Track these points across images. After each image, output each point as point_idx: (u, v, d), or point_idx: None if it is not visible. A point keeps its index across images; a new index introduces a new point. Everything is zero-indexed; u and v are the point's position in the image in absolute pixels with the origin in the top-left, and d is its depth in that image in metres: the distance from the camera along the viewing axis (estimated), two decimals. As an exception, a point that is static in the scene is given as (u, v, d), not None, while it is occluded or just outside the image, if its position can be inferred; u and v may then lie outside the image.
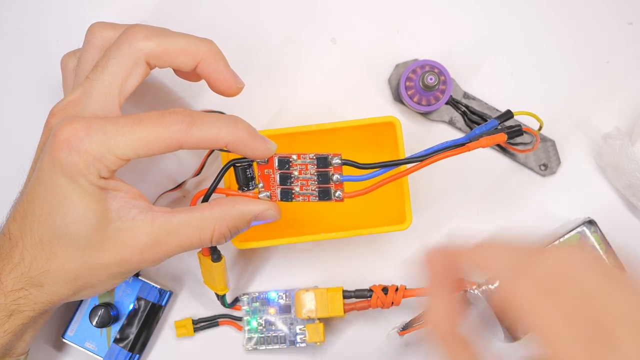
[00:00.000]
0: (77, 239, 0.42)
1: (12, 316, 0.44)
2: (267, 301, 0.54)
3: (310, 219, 0.54)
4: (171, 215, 0.43)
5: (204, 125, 0.42)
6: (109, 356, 0.53)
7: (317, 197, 0.46)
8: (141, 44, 0.43)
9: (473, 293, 0.51)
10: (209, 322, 0.55)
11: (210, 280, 0.50)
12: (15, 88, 0.56)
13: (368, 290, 0.52)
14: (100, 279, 0.44)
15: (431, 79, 0.52)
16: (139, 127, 0.41)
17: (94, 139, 0.40)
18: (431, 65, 0.53)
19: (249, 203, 0.45)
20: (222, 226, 0.44)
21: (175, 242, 0.43)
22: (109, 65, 0.43)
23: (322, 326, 0.53)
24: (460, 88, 0.55)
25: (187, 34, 0.45)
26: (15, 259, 0.43)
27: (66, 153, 0.40)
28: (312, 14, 0.56)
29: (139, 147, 0.41)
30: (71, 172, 0.40)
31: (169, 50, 0.44)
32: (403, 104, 0.55)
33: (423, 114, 0.55)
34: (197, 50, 0.44)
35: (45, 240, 0.42)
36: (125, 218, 0.42)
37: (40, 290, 0.43)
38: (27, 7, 0.56)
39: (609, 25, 0.56)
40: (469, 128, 0.55)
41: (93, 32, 0.46)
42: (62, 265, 0.43)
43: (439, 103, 0.53)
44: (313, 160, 0.45)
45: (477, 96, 0.55)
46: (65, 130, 0.40)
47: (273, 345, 0.54)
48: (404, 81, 0.53)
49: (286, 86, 0.56)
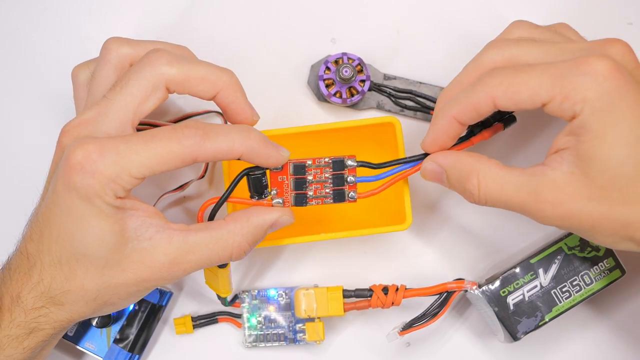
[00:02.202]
0: (96, 260, 0.42)
1: (32, 333, 0.44)
2: (267, 299, 0.54)
3: (310, 219, 0.54)
4: (188, 234, 0.43)
5: (218, 137, 0.41)
6: (109, 356, 0.53)
7: (331, 199, 0.46)
8: (164, 69, 0.43)
9: (473, 293, 0.51)
10: (208, 319, 0.55)
11: (213, 283, 0.50)
12: (23, 101, 0.56)
13: (368, 290, 0.52)
14: (120, 297, 0.44)
15: (346, 72, 0.52)
16: (152, 144, 0.41)
17: (107, 160, 0.40)
18: (344, 57, 0.53)
19: (264, 213, 0.45)
20: (242, 242, 0.44)
21: (194, 261, 0.43)
22: (128, 86, 0.42)
23: (322, 325, 0.53)
24: (379, 72, 0.55)
25: (209, 63, 0.44)
26: (34, 279, 0.43)
27: (80, 176, 0.40)
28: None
29: (153, 164, 0.41)
30: (87, 195, 0.40)
31: (191, 78, 0.43)
32: (328, 102, 0.55)
33: (350, 106, 0.55)
34: (217, 80, 0.44)
35: (64, 261, 0.42)
36: (143, 237, 0.42)
37: (60, 309, 0.43)
38: (31, 20, 0.56)
39: (609, 25, 0.56)
40: (399, 107, 0.55)
41: (109, 48, 0.46)
42: (81, 286, 0.42)
43: (360, 92, 0.53)
44: (329, 163, 0.45)
45: (399, 75, 0.55)
46: (78, 153, 0.40)
47: (272, 343, 0.54)
48: (322, 80, 0.53)
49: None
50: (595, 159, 0.38)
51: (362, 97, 0.54)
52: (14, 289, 0.43)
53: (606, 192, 0.39)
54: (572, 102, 0.38)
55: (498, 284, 0.51)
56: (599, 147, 0.38)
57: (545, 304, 0.51)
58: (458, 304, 0.55)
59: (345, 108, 0.55)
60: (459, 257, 0.55)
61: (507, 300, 0.50)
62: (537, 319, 0.51)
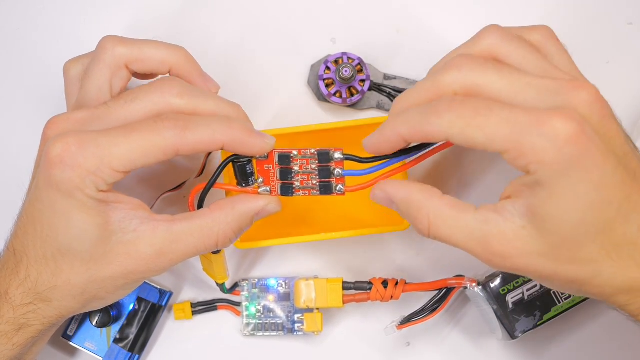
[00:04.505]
0: (81, 254, 0.42)
1: (21, 330, 0.44)
2: (267, 288, 0.55)
3: (310, 219, 0.54)
4: (172, 223, 0.42)
5: (198, 128, 0.41)
6: (109, 356, 0.53)
7: (318, 191, 0.45)
8: (174, 100, 0.43)
9: (473, 290, 0.51)
10: (207, 306, 0.55)
11: (209, 269, 0.50)
12: (12, 98, 0.56)
13: (368, 283, 0.52)
14: (107, 291, 0.43)
15: (346, 71, 0.52)
16: (132, 137, 0.40)
17: (87, 153, 0.40)
18: (344, 57, 0.53)
19: (249, 201, 0.44)
20: (226, 230, 0.43)
21: (180, 251, 0.43)
22: (134, 103, 0.43)
23: (321, 316, 0.53)
24: (379, 72, 0.55)
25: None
26: (21, 275, 0.43)
27: (60, 169, 0.40)
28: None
29: (134, 157, 0.40)
30: (67, 188, 0.40)
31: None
32: (328, 102, 0.55)
33: (350, 106, 0.55)
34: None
35: (49, 256, 0.42)
36: (127, 230, 0.42)
37: (48, 305, 0.43)
38: (24, 15, 0.56)
39: (609, 25, 0.56)
40: None
41: (104, 47, 0.45)
42: (68, 281, 0.42)
43: (360, 92, 0.53)
44: (314, 155, 0.45)
45: (399, 75, 0.55)
46: (58, 146, 0.40)
47: (270, 332, 0.54)
48: (322, 80, 0.53)
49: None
50: (548, 219, 0.37)
51: (362, 97, 0.54)
52: (2, 286, 0.43)
53: (556, 250, 0.38)
54: (528, 161, 0.37)
55: (498, 282, 0.51)
56: (553, 208, 0.37)
57: (545, 303, 0.51)
58: (457, 301, 0.55)
59: (345, 108, 0.55)
60: (459, 254, 0.55)
61: (507, 298, 0.51)
62: (536, 318, 0.51)
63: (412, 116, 0.40)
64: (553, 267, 0.39)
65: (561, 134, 0.36)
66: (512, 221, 0.39)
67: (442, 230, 0.40)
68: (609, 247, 0.38)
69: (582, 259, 0.38)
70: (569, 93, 0.38)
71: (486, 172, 0.55)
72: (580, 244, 0.38)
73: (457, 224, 0.40)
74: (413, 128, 0.40)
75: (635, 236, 0.38)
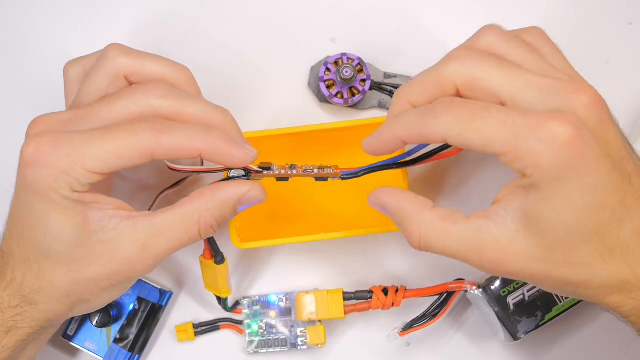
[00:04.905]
0: (61, 255, 0.41)
1: (9, 332, 0.43)
2: (268, 304, 0.55)
3: (310, 219, 0.54)
4: (153, 217, 0.42)
5: (175, 131, 0.40)
6: (109, 356, 0.53)
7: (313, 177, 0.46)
8: (155, 102, 0.42)
9: (473, 293, 0.51)
10: (210, 326, 0.55)
11: (213, 283, 0.50)
12: (11, 98, 0.56)
13: (368, 292, 0.52)
14: (92, 293, 0.43)
15: (346, 72, 0.52)
16: (107, 137, 0.40)
17: (60, 153, 0.39)
18: (343, 57, 0.54)
19: (229, 187, 0.43)
20: (208, 217, 0.42)
21: (164, 245, 0.42)
22: (115, 104, 0.42)
23: (323, 328, 0.53)
24: (379, 70, 0.55)
25: (205, 101, 0.44)
26: (8, 277, 0.43)
27: (33, 169, 0.39)
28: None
29: (108, 157, 0.40)
30: (41, 189, 0.40)
31: (182, 114, 0.43)
32: (330, 103, 0.56)
33: (352, 106, 0.55)
34: (210, 120, 0.43)
35: (32, 258, 0.42)
36: (107, 228, 0.41)
37: (34, 308, 0.43)
38: (23, 15, 0.57)
39: (609, 25, 0.56)
40: None
41: (107, 55, 0.45)
42: (51, 283, 0.42)
43: (361, 92, 0.53)
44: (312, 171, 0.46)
45: (399, 73, 0.55)
46: (32, 146, 0.40)
47: (274, 349, 0.54)
48: (323, 82, 0.54)
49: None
50: (543, 221, 0.38)
51: (364, 97, 0.54)
52: None
53: (550, 253, 0.38)
54: (525, 165, 0.37)
55: (498, 284, 0.51)
56: (548, 211, 0.37)
57: (546, 304, 0.51)
58: (458, 304, 0.55)
59: (346, 108, 0.56)
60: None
61: (508, 300, 0.51)
62: (538, 318, 0.51)
63: (409, 118, 0.40)
64: (548, 270, 0.39)
65: (558, 138, 0.36)
66: (505, 226, 0.39)
67: (434, 242, 0.41)
68: (603, 250, 0.38)
69: (576, 262, 0.39)
70: (569, 95, 0.38)
71: (486, 171, 0.56)
72: (575, 246, 0.38)
73: (448, 236, 0.40)
74: (411, 130, 0.40)
75: (629, 239, 0.38)
